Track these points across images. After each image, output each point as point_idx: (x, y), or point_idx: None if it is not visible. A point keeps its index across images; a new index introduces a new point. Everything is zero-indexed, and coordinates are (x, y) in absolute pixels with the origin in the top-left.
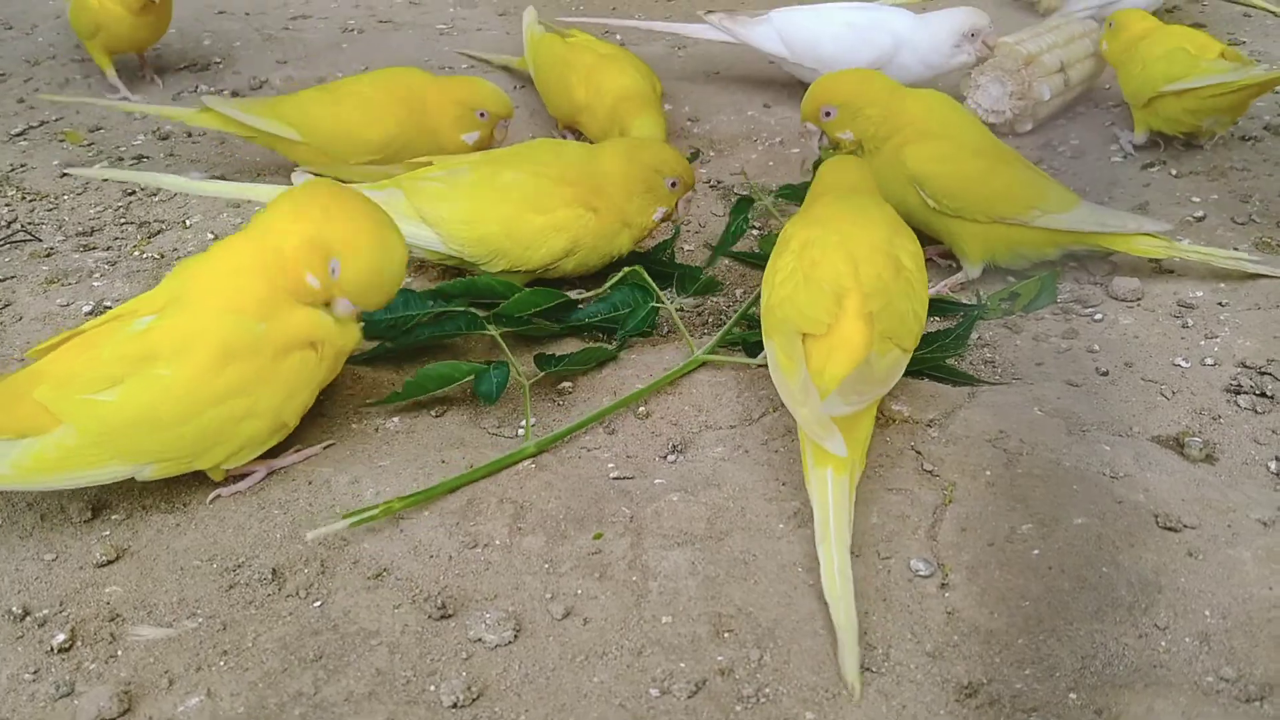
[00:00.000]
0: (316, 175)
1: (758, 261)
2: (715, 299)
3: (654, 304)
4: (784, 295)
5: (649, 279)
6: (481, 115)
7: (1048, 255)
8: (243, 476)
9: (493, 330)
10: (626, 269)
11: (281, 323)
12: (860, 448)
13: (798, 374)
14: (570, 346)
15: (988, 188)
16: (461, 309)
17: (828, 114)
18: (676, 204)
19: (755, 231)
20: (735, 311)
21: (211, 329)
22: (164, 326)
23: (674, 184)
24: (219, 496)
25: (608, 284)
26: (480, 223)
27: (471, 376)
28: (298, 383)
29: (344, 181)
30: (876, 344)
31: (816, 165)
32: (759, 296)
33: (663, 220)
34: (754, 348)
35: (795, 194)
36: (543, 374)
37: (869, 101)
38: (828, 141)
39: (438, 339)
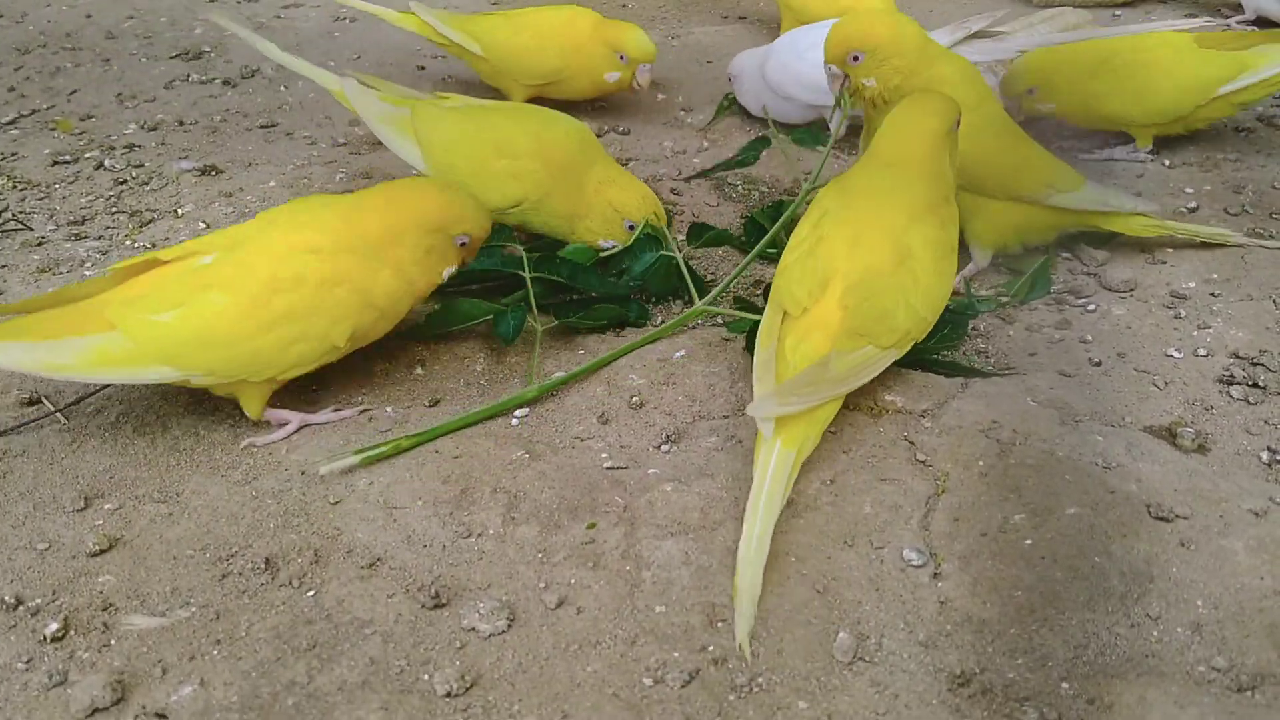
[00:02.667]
0: (365, 84)
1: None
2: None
3: (664, 253)
4: (787, 264)
5: (665, 231)
6: (622, 59)
7: (1049, 239)
8: (279, 426)
9: (526, 273)
10: (646, 223)
11: (331, 260)
12: (818, 426)
13: (767, 348)
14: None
15: (1008, 164)
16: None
17: (855, 58)
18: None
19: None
20: (742, 273)
21: (262, 264)
22: (222, 261)
23: (632, 226)
24: (251, 445)
25: (632, 238)
26: (452, 153)
27: (490, 316)
28: (345, 310)
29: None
30: (842, 340)
31: (836, 103)
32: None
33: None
34: (745, 307)
35: (811, 138)
36: (557, 322)
37: (898, 51)
38: (850, 85)
39: (477, 274)
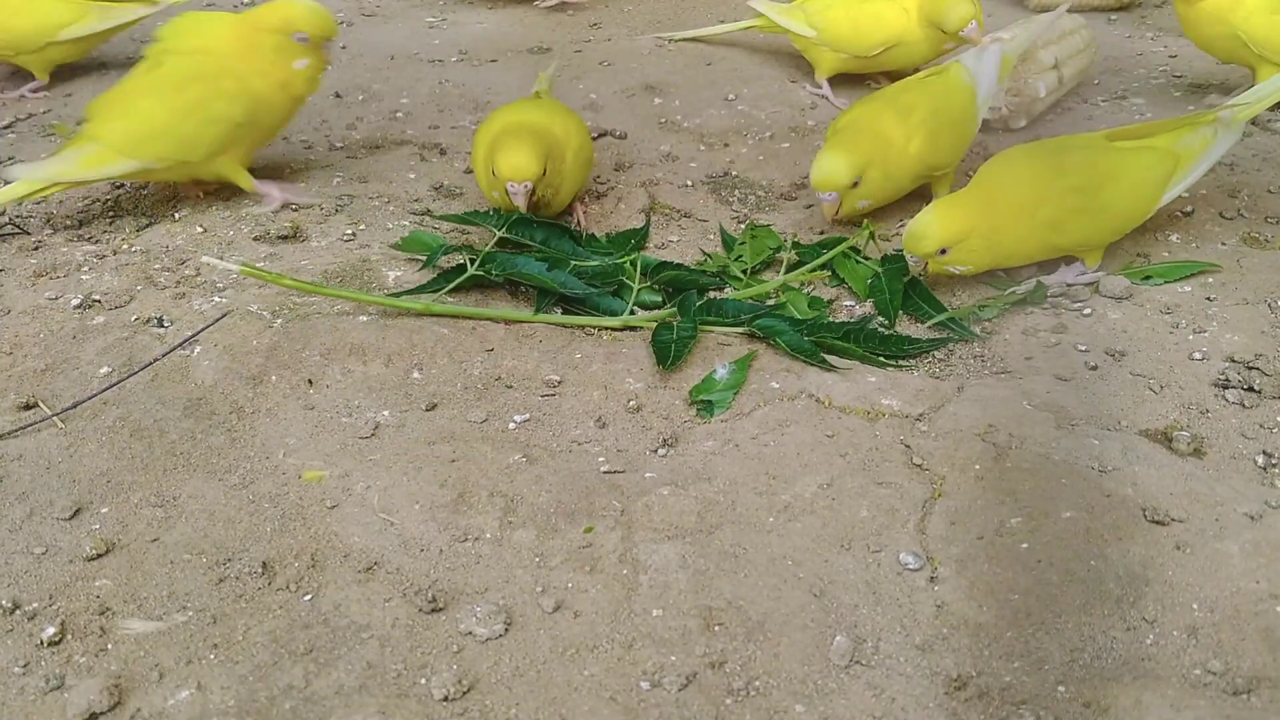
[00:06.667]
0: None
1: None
2: None
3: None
4: None
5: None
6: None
7: None
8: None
9: (493, 227)
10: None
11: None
12: None
13: None
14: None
15: None
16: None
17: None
18: (320, 56)
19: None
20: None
21: None
22: None
23: (303, 38)
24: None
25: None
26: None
27: (443, 251)
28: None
29: None
30: None
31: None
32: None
33: (306, 70)
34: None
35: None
36: (495, 276)
37: None
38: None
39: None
